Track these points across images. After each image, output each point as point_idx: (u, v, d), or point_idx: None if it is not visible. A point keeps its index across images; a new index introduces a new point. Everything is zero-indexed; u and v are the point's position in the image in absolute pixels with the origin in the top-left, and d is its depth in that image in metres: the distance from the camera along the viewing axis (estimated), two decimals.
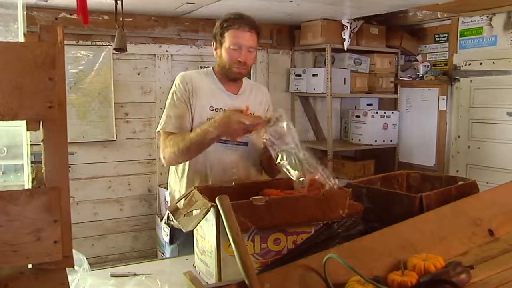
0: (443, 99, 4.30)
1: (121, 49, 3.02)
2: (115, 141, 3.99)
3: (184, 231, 1.43)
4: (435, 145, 4.39)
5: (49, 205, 0.88)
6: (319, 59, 4.82)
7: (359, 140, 4.50)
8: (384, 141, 4.52)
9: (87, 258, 1.51)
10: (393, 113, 4.58)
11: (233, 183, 1.71)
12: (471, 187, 1.75)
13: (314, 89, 4.42)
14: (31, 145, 1.45)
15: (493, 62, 3.88)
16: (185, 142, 1.89)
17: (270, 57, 4.62)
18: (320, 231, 1.46)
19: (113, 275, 1.58)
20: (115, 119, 3.95)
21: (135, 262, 1.84)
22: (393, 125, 4.56)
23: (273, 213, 1.38)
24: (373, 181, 1.91)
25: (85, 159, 3.89)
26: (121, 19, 2.92)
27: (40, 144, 0.92)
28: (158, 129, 2.02)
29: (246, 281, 1.11)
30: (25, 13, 1.51)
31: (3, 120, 0.85)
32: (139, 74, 4.09)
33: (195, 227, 1.41)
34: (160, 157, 2.01)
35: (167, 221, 2.03)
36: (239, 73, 2.01)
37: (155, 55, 4.12)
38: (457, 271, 1.19)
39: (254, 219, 1.34)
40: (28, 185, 1.30)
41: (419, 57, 4.49)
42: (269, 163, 1.90)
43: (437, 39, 4.39)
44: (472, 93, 4.07)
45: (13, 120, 0.86)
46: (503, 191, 1.73)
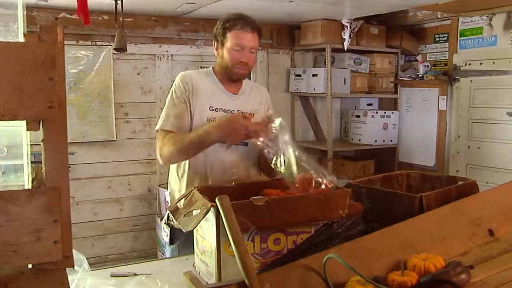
0: (443, 99, 4.30)
1: (121, 49, 3.02)
2: (115, 141, 3.99)
3: (184, 231, 1.43)
4: (435, 145, 4.39)
5: (49, 205, 0.88)
6: (319, 59, 4.82)
7: (359, 140, 4.50)
8: (384, 141, 4.52)
9: (87, 258, 1.51)
10: (393, 113, 4.58)
11: (233, 183, 1.71)
12: (471, 187, 1.75)
13: (314, 89, 4.42)
14: (31, 145, 1.45)
15: (493, 62, 3.88)
16: (184, 141, 1.89)
17: (270, 57, 4.62)
18: (320, 231, 1.46)
19: (113, 275, 1.59)
20: (115, 119, 3.95)
21: (135, 262, 1.85)
22: (393, 125, 4.56)
23: (273, 213, 1.38)
24: (373, 181, 1.91)
25: (85, 159, 3.89)
26: (121, 19, 2.92)
27: (40, 144, 0.92)
28: (156, 128, 2.02)
29: (246, 281, 1.11)
30: (25, 13, 1.51)
31: (3, 120, 0.85)
32: (139, 74, 4.09)
33: (195, 227, 1.41)
34: (157, 156, 2.01)
35: (167, 221, 2.03)
36: (241, 73, 2.02)
37: (155, 55, 4.12)
38: (457, 271, 1.19)
39: (254, 219, 1.34)
40: (28, 185, 1.30)
41: (419, 57, 4.49)
42: (267, 164, 1.90)
43: (437, 39, 4.39)
44: (472, 93, 4.07)
45: (13, 120, 0.86)
46: (503, 191, 1.73)
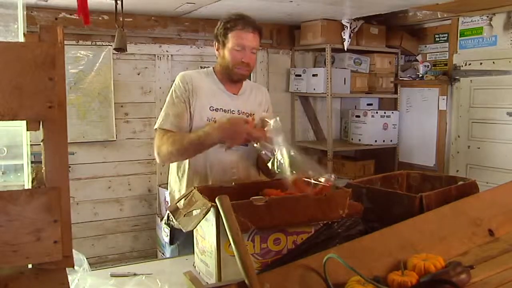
0: (443, 99, 4.30)
1: (121, 49, 3.02)
2: (115, 141, 3.99)
3: (184, 231, 1.43)
4: (435, 145, 4.39)
5: (49, 205, 0.88)
6: (319, 59, 4.81)
7: (359, 140, 4.50)
8: (384, 141, 4.52)
9: (87, 258, 1.51)
10: (393, 113, 4.58)
11: (233, 183, 1.71)
12: (471, 187, 1.75)
13: (314, 89, 4.42)
14: (31, 145, 1.45)
15: (493, 62, 3.88)
16: (184, 142, 1.89)
17: (270, 57, 4.62)
18: (320, 231, 1.45)
19: (113, 275, 1.59)
20: (115, 119, 3.94)
21: (135, 262, 1.85)
22: (393, 125, 4.56)
23: (273, 213, 1.38)
24: (373, 181, 1.90)
25: (85, 159, 3.89)
26: (121, 19, 2.92)
27: (40, 144, 0.92)
28: (155, 127, 2.02)
29: (246, 281, 1.11)
30: (25, 13, 1.51)
31: (3, 120, 0.85)
32: (139, 74, 4.09)
33: (195, 227, 1.41)
34: (155, 154, 2.00)
35: (167, 221, 2.03)
36: (242, 74, 2.02)
37: (155, 55, 4.12)
38: (457, 271, 1.19)
39: (254, 219, 1.34)
40: (28, 185, 1.30)
41: (419, 57, 4.49)
42: (264, 164, 1.90)
43: (437, 39, 4.39)
44: (472, 93, 4.07)
45: (13, 120, 0.86)
46: (503, 191, 1.73)
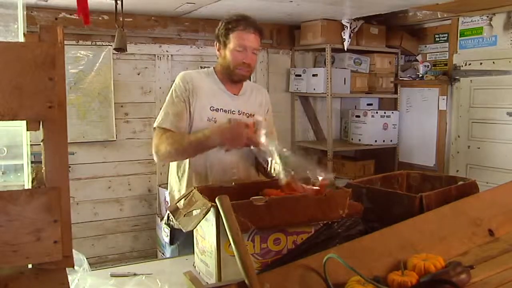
0: (443, 99, 4.30)
1: (121, 49, 3.02)
2: (115, 141, 3.99)
3: (184, 231, 1.43)
4: (435, 145, 4.39)
5: (49, 205, 0.88)
6: (319, 59, 4.81)
7: (359, 140, 4.50)
8: (384, 141, 4.52)
9: (87, 258, 1.52)
10: (393, 113, 4.58)
11: (233, 183, 1.71)
12: (471, 187, 1.75)
13: (314, 89, 4.42)
14: (31, 145, 1.45)
15: (493, 62, 3.88)
16: (183, 143, 1.89)
17: (270, 57, 4.62)
18: (320, 231, 1.45)
19: (113, 275, 1.59)
20: (115, 119, 3.94)
21: (135, 262, 1.85)
22: (393, 125, 4.56)
23: (273, 213, 1.38)
24: (373, 181, 1.91)
25: (85, 159, 3.89)
26: (121, 19, 2.92)
27: (40, 144, 0.92)
28: (154, 125, 2.02)
29: (246, 281, 1.11)
30: (25, 13, 1.51)
31: (3, 120, 0.85)
32: (139, 74, 4.08)
33: (195, 227, 1.41)
34: (152, 153, 2.00)
35: (167, 222, 2.03)
36: (243, 75, 2.02)
37: (155, 55, 4.12)
38: (457, 271, 1.19)
39: (254, 219, 1.34)
40: (28, 185, 1.30)
41: (419, 57, 4.49)
42: (261, 166, 1.90)
43: (437, 39, 4.39)
44: (472, 93, 4.07)
45: (13, 120, 0.86)
46: (503, 191, 1.73)
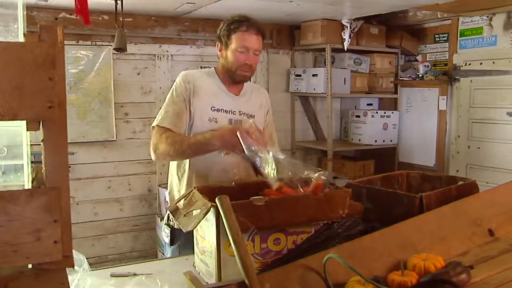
0: (443, 99, 4.30)
1: (121, 49, 3.02)
2: (115, 141, 3.99)
3: (184, 231, 1.43)
4: (435, 145, 4.39)
5: (49, 205, 0.88)
6: (319, 59, 4.81)
7: (359, 140, 4.50)
8: (384, 141, 4.52)
9: (87, 258, 1.52)
10: (393, 113, 4.58)
11: (233, 183, 1.71)
12: (471, 187, 1.75)
13: (314, 89, 4.42)
14: (31, 145, 1.45)
15: (493, 62, 3.88)
16: (183, 144, 1.88)
17: (270, 57, 4.62)
18: (320, 231, 1.46)
19: (113, 275, 1.59)
20: (115, 119, 3.94)
21: (135, 262, 1.85)
22: (393, 125, 4.56)
23: (273, 213, 1.38)
24: (373, 181, 1.91)
25: (85, 159, 3.89)
26: (121, 19, 2.92)
27: (40, 144, 0.92)
28: (154, 124, 2.01)
29: (246, 281, 1.11)
30: (25, 13, 1.51)
31: (3, 120, 0.85)
32: (139, 74, 4.08)
33: (195, 227, 1.41)
34: (150, 150, 2.00)
35: (167, 222, 2.03)
36: (244, 75, 2.02)
37: (155, 55, 4.12)
38: (457, 271, 1.19)
39: (254, 219, 1.34)
40: (28, 185, 1.29)
41: (419, 57, 4.49)
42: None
43: (437, 39, 4.39)
44: (472, 93, 4.07)
45: (13, 120, 0.86)
46: (503, 191, 1.73)
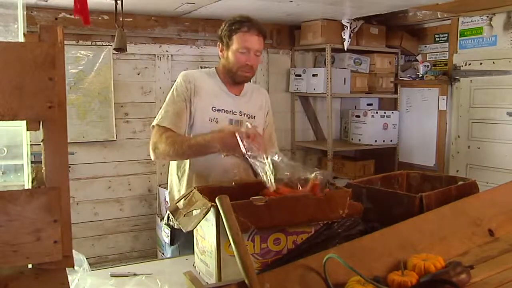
0: (443, 99, 4.30)
1: (121, 49, 3.02)
2: (115, 141, 3.99)
3: (184, 231, 1.43)
4: (435, 145, 4.39)
5: (49, 205, 0.88)
6: (319, 59, 4.81)
7: (359, 140, 4.50)
8: (384, 141, 4.52)
9: (87, 258, 1.51)
10: (393, 113, 4.58)
11: (233, 183, 1.71)
12: (471, 187, 1.75)
13: (314, 89, 4.42)
14: (31, 145, 1.45)
15: (493, 62, 3.88)
16: (183, 145, 1.88)
17: (270, 57, 4.62)
18: (320, 231, 1.45)
19: (113, 275, 1.58)
20: (115, 119, 3.94)
21: (135, 262, 1.84)
22: (393, 125, 4.56)
23: (273, 213, 1.38)
24: (373, 181, 1.90)
25: (85, 159, 3.89)
26: (121, 19, 2.93)
27: (40, 144, 0.92)
28: (153, 123, 2.01)
29: (246, 281, 1.11)
30: (25, 13, 1.51)
31: (3, 120, 0.85)
32: (139, 74, 4.08)
33: (195, 227, 1.41)
34: (149, 150, 1.99)
35: (167, 222, 2.03)
36: (245, 76, 2.02)
37: (155, 55, 4.12)
38: (457, 271, 1.19)
39: (254, 219, 1.34)
40: (28, 185, 1.29)
41: (419, 57, 4.49)
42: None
43: (437, 39, 4.39)
44: (472, 93, 4.07)
45: (13, 120, 0.86)
46: (503, 191, 1.73)
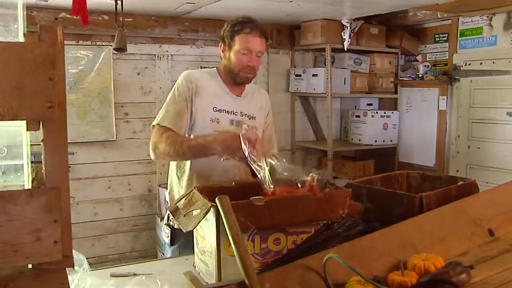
0: (443, 99, 4.30)
1: (121, 49, 3.02)
2: (115, 141, 3.99)
3: (184, 231, 1.43)
4: (435, 145, 4.39)
5: (49, 205, 0.88)
6: (319, 59, 4.81)
7: (359, 140, 4.50)
8: (384, 141, 4.52)
9: (87, 258, 1.51)
10: (393, 113, 4.58)
11: (233, 183, 1.71)
12: (471, 187, 1.75)
13: (314, 89, 4.42)
14: (31, 145, 1.45)
15: (493, 62, 3.88)
16: (183, 146, 1.87)
17: (270, 57, 4.61)
18: (320, 231, 1.45)
19: (113, 275, 1.58)
20: (115, 119, 3.94)
21: (135, 262, 1.84)
22: (393, 125, 4.56)
23: (273, 213, 1.38)
24: (373, 181, 1.90)
25: (85, 159, 3.89)
26: (121, 19, 2.92)
27: (40, 144, 0.92)
28: (154, 123, 2.01)
29: (246, 281, 1.11)
30: (25, 13, 1.51)
31: (3, 120, 0.85)
32: (139, 74, 4.08)
33: (195, 227, 1.41)
34: (149, 149, 1.99)
35: (167, 222, 2.03)
36: (247, 77, 2.02)
37: (155, 55, 4.12)
38: (457, 271, 1.19)
39: (254, 219, 1.34)
40: (28, 185, 1.29)
41: (419, 57, 4.49)
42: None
43: (437, 39, 4.39)
44: (472, 93, 4.07)
45: (13, 120, 0.86)
46: (503, 191, 1.73)
